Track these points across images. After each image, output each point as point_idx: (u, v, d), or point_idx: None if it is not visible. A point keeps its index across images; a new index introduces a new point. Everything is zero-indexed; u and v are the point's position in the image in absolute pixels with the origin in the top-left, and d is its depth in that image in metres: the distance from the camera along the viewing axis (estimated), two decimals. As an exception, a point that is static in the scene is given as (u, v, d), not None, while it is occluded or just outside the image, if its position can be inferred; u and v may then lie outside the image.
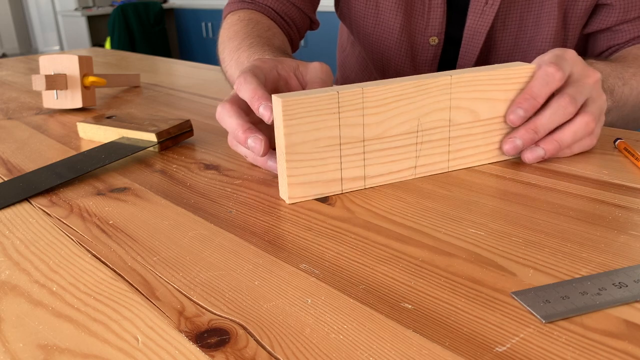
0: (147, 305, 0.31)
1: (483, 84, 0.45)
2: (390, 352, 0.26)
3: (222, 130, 0.63)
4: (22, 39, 6.48)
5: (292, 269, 0.34)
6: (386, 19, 0.79)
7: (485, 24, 0.74)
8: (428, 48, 0.79)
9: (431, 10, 0.76)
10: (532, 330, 0.27)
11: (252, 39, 0.70)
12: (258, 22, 0.77)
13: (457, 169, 0.48)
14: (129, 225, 0.41)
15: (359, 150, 0.43)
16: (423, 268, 0.33)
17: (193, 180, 0.49)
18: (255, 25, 0.75)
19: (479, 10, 0.73)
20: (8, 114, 0.77)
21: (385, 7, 0.78)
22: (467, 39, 0.76)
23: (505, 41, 0.76)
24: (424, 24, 0.77)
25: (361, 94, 0.42)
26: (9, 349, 0.28)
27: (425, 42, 0.79)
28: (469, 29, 0.75)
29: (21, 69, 1.20)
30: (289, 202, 0.43)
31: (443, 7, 0.75)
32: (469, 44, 0.76)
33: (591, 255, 0.33)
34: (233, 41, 0.72)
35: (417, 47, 0.80)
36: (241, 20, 0.77)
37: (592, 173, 0.46)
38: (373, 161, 0.44)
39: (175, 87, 0.91)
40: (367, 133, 0.43)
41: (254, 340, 0.27)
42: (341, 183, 0.44)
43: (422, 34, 0.78)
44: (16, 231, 0.41)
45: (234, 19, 0.79)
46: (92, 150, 0.56)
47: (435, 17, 0.76)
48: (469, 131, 0.47)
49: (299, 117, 0.41)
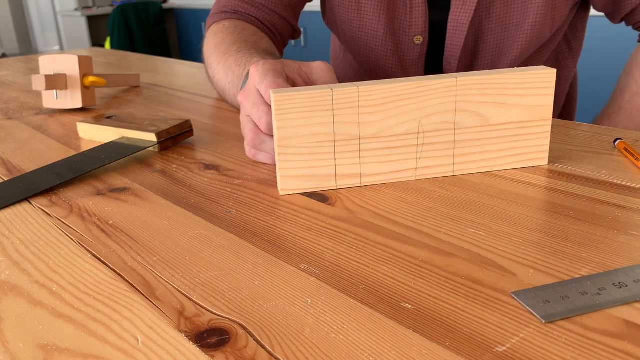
0: (147, 305, 0.31)
1: (492, 88, 0.44)
2: (390, 352, 0.26)
3: (222, 130, 0.64)
4: (22, 39, 6.48)
5: (292, 269, 0.34)
6: (369, 22, 0.79)
7: (467, 14, 0.73)
8: (413, 47, 0.79)
9: (413, 9, 0.76)
10: (532, 330, 0.27)
11: (240, 44, 0.70)
12: (244, 29, 0.77)
13: (463, 173, 0.47)
14: (129, 225, 0.41)
15: (355, 148, 0.44)
16: (423, 268, 0.33)
17: (193, 180, 0.49)
18: (241, 32, 0.76)
19: (460, 3, 0.73)
20: (8, 114, 0.77)
21: (367, 10, 0.78)
22: (451, 32, 0.76)
23: (492, 29, 0.76)
24: (408, 23, 0.77)
25: (357, 93, 0.42)
26: (9, 349, 0.28)
27: (410, 41, 0.79)
28: (452, 21, 0.75)
29: (21, 69, 1.20)
30: (281, 194, 0.44)
31: (424, 6, 0.75)
32: (453, 37, 0.76)
33: (591, 255, 0.33)
34: (220, 47, 0.73)
35: (402, 48, 0.80)
36: (226, 28, 0.78)
37: (592, 173, 0.46)
38: (370, 159, 0.44)
39: (175, 87, 0.91)
40: (363, 131, 0.43)
41: (254, 340, 0.27)
42: (335, 179, 0.44)
43: (406, 33, 0.78)
44: (16, 231, 0.41)
45: (218, 28, 0.79)
46: (92, 150, 0.56)
47: (418, 16, 0.76)
48: (477, 135, 0.45)
49: (291, 113, 0.42)
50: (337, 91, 0.42)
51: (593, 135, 0.55)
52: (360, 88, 0.42)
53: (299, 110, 0.42)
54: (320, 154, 0.43)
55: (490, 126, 0.45)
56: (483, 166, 0.47)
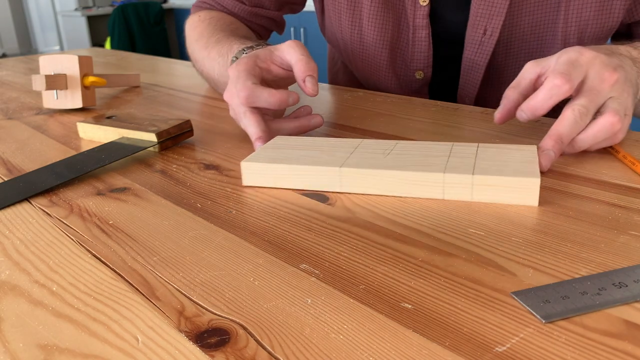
0: (147, 305, 0.31)
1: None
2: (390, 352, 0.26)
3: (222, 130, 0.64)
4: (22, 39, 6.48)
5: (292, 269, 0.34)
6: (372, 54, 0.77)
7: (484, 56, 0.70)
8: (415, 81, 0.77)
9: (415, 44, 0.73)
10: (532, 330, 0.27)
11: (218, 35, 0.73)
12: (219, 19, 0.80)
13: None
14: (129, 225, 0.41)
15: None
16: (423, 268, 0.33)
17: (193, 180, 0.49)
18: (217, 22, 0.78)
19: (476, 42, 0.69)
20: (8, 114, 0.77)
21: (369, 43, 0.76)
22: (465, 72, 0.73)
23: (509, 68, 0.72)
24: (409, 58, 0.75)
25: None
26: (9, 349, 0.28)
27: (412, 75, 0.77)
28: (466, 61, 0.72)
29: (21, 69, 1.20)
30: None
31: (428, 41, 0.72)
32: (468, 77, 0.73)
33: (591, 255, 0.33)
34: (199, 42, 0.75)
35: (404, 80, 0.78)
36: (202, 20, 0.80)
37: (592, 173, 0.45)
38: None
39: (175, 87, 0.91)
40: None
41: (254, 340, 0.27)
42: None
43: (407, 67, 0.76)
44: (16, 231, 0.41)
45: (194, 20, 0.82)
46: (92, 150, 0.56)
47: (420, 51, 0.74)
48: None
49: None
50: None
51: (593, 135, 0.55)
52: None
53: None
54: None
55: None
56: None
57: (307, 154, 0.47)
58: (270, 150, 0.48)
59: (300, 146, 0.49)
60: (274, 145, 0.50)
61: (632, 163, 0.46)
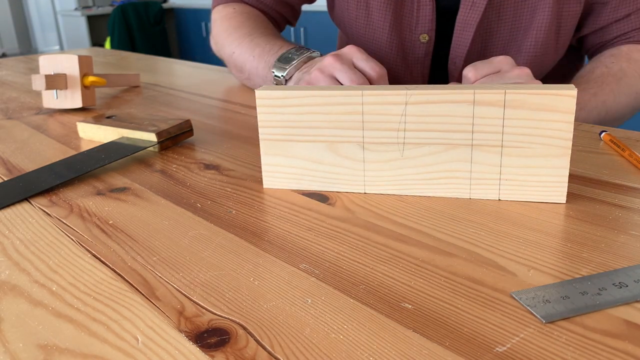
0: (147, 305, 0.31)
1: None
2: (390, 352, 0.26)
3: (222, 130, 0.64)
4: (22, 39, 6.48)
5: (292, 269, 0.34)
6: (376, 19, 0.80)
7: (475, 16, 0.73)
8: (419, 46, 0.79)
9: (420, 8, 0.76)
10: (532, 330, 0.27)
11: (262, 30, 0.80)
12: (257, 16, 0.86)
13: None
14: (129, 225, 0.41)
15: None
16: (423, 268, 0.33)
17: (193, 180, 0.49)
18: (256, 18, 0.85)
19: (469, 3, 0.73)
20: (8, 114, 0.77)
21: (375, 7, 0.79)
22: (458, 32, 0.75)
23: (501, 32, 0.75)
24: (414, 22, 0.78)
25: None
26: (9, 349, 0.28)
27: (416, 39, 0.79)
28: (460, 21, 0.75)
29: (21, 69, 1.19)
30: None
31: (432, 4, 0.75)
32: (460, 37, 0.76)
33: (591, 255, 0.33)
34: (241, 29, 0.81)
35: (407, 46, 0.80)
36: (239, 13, 0.85)
37: (592, 173, 0.45)
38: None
39: (175, 87, 0.91)
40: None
41: (254, 340, 0.27)
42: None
43: (412, 32, 0.78)
44: (16, 231, 0.41)
45: (228, 11, 0.86)
46: (92, 150, 0.56)
47: (425, 15, 0.76)
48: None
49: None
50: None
51: (594, 135, 0.55)
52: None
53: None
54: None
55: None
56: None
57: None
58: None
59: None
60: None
61: (638, 161, 0.46)
